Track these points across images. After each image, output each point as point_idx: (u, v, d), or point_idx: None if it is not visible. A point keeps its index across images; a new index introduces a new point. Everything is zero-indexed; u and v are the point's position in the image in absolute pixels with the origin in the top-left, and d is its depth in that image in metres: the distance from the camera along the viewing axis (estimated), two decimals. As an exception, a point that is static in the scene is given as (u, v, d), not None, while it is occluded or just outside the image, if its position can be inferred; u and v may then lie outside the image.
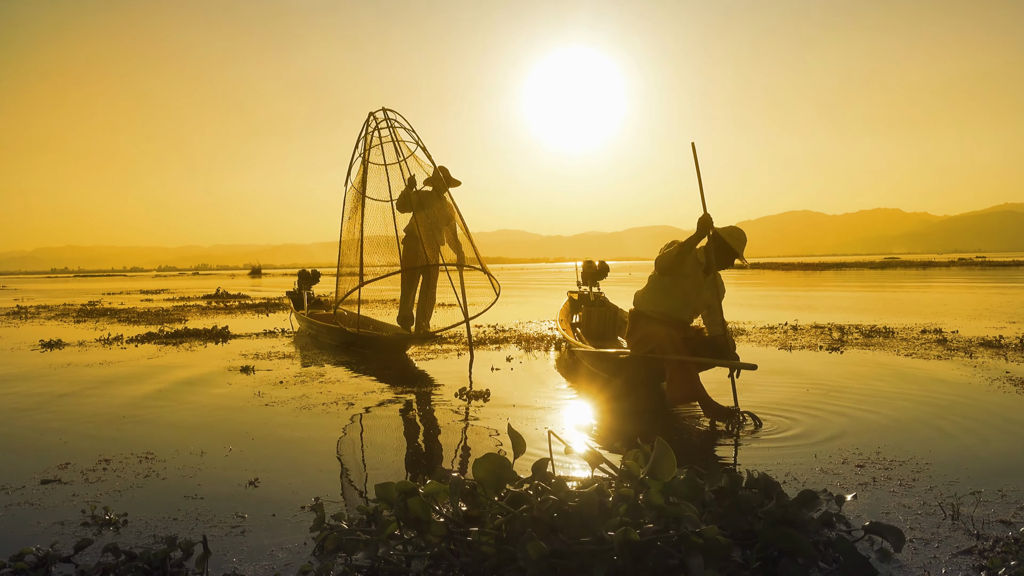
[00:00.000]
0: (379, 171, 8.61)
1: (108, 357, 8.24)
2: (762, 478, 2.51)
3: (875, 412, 4.65)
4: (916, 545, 2.51)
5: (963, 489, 3.09)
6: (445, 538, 2.27)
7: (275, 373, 6.81)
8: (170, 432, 4.49)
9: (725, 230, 4.98)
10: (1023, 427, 4.22)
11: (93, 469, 3.67)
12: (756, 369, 4.50)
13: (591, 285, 8.67)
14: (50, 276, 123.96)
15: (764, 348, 7.97)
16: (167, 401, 5.52)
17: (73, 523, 2.89)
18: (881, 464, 3.51)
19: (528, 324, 11.54)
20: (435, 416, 4.95)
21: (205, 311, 16.80)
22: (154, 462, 3.78)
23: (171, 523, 2.88)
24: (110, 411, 5.18)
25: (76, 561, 2.45)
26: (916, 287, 21.87)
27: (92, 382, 6.48)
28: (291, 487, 3.35)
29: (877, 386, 5.54)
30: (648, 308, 5.16)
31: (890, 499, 3.01)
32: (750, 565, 2.19)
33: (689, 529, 2.15)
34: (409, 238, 8.37)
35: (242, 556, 2.51)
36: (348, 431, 4.55)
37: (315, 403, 5.32)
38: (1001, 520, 2.73)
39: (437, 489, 2.34)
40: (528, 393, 5.62)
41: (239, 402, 5.42)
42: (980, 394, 5.17)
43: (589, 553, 2.12)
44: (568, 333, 7.37)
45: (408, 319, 8.57)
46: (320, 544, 2.46)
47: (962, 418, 4.46)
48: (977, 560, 2.37)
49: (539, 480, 2.38)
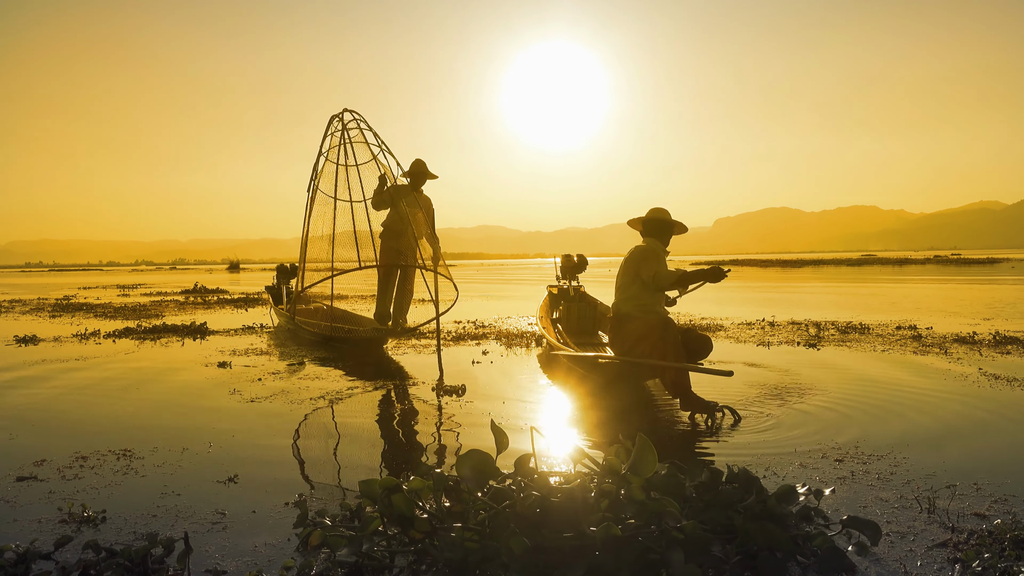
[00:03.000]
0: (345, 172, 8.66)
1: (84, 353, 8.15)
2: (742, 473, 2.53)
3: (852, 407, 4.70)
4: (893, 538, 2.55)
5: (939, 483, 3.14)
6: (429, 534, 2.28)
7: (254, 369, 6.77)
8: (148, 429, 4.45)
9: (653, 210, 5.33)
10: (998, 421, 4.30)
11: (70, 466, 3.63)
12: (732, 376, 4.52)
13: (570, 279, 8.70)
14: (24, 270, 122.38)
15: (742, 344, 8.03)
16: (145, 397, 5.47)
17: (51, 520, 2.86)
18: (859, 458, 3.55)
19: (508, 320, 11.55)
20: (416, 411, 4.95)
21: (183, 306, 16.65)
22: (132, 459, 3.75)
23: (151, 520, 2.86)
24: (87, 407, 5.13)
25: (56, 558, 2.43)
26: (892, 284, 22.14)
27: (68, 378, 6.41)
28: (272, 483, 3.34)
29: (854, 382, 5.61)
30: (633, 309, 5.18)
31: (868, 493, 3.05)
32: (730, 559, 2.21)
33: (670, 524, 2.17)
34: (386, 233, 8.35)
35: (224, 552, 2.50)
36: (329, 427, 4.53)
37: (295, 399, 5.29)
38: (976, 513, 2.78)
39: (421, 485, 2.34)
40: (509, 389, 5.63)
41: (218, 398, 5.39)
42: (955, 389, 5.25)
43: (571, 548, 2.13)
44: (549, 331, 7.38)
45: (386, 316, 8.54)
46: (303, 540, 2.46)
47: (938, 413, 4.52)
48: (952, 553, 2.41)
49: (522, 476, 2.39)
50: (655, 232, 5.25)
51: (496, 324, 10.81)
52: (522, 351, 7.82)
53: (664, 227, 5.23)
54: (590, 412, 4.84)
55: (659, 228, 5.25)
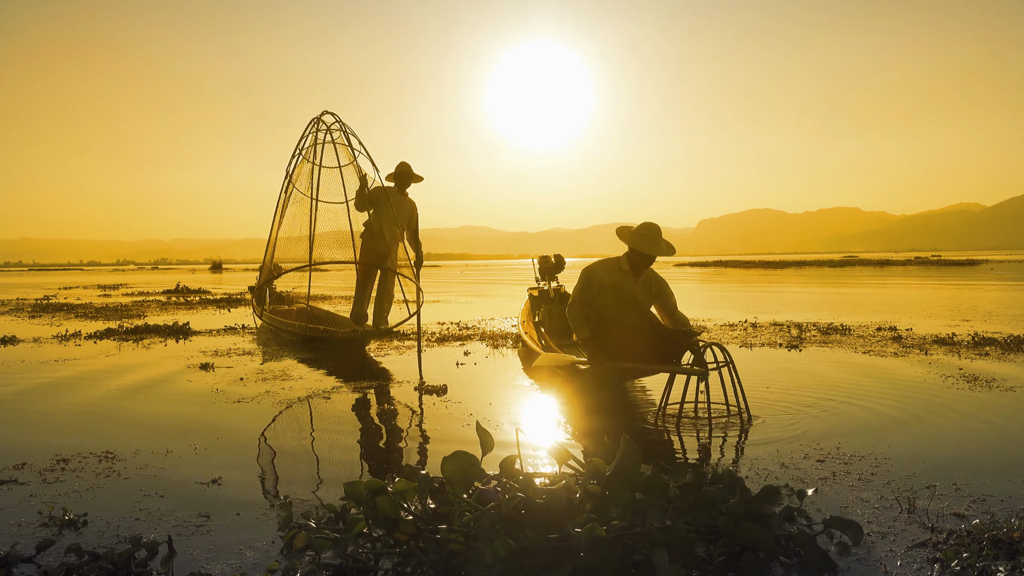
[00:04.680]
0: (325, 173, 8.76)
1: (65, 354, 8.07)
2: (726, 474, 2.55)
3: (834, 408, 4.74)
4: (874, 538, 2.58)
5: (919, 483, 3.18)
6: (414, 536, 2.28)
7: (237, 370, 6.74)
8: (130, 431, 4.42)
9: (637, 232, 5.09)
10: (976, 422, 4.35)
11: (51, 469, 3.60)
12: (707, 373, 4.54)
13: (549, 280, 8.72)
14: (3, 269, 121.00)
15: (725, 345, 8.07)
16: (126, 399, 5.43)
17: (31, 524, 2.84)
18: (841, 459, 3.59)
19: (492, 321, 11.55)
20: (401, 412, 4.94)
21: (165, 307, 16.52)
22: (114, 461, 3.72)
23: (134, 523, 2.84)
24: (67, 410, 5.08)
25: (38, 562, 2.41)
26: (873, 285, 22.34)
27: (48, 380, 6.35)
28: (257, 485, 3.33)
29: (835, 383, 5.66)
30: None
31: (849, 493, 3.08)
32: (714, 560, 2.23)
33: (654, 525, 2.19)
34: (367, 234, 8.37)
35: (208, 555, 2.49)
36: (313, 428, 4.52)
37: (278, 400, 5.27)
38: (955, 513, 2.82)
39: (406, 487, 2.34)
40: (494, 390, 5.64)
41: (201, 400, 5.36)
42: (935, 390, 5.30)
43: (556, 549, 2.14)
44: (532, 335, 7.39)
45: (362, 316, 8.52)
46: (288, 543, 2.45)
47: (918, 414, 4.57)
48: (931, 553, 2.44)
49: (507, 477, 2.39)
50: (632, 254, 5.14)
51: (480, 325, 10.81)
52: (507, 351, 7.82)
53: (636, 257, 5.09)
54: (575, 414, 4.85)
55: (635, 252, 5.09)
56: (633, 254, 5.09)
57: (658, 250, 5.02)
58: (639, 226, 5.15)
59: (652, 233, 5.05)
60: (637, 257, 5.08)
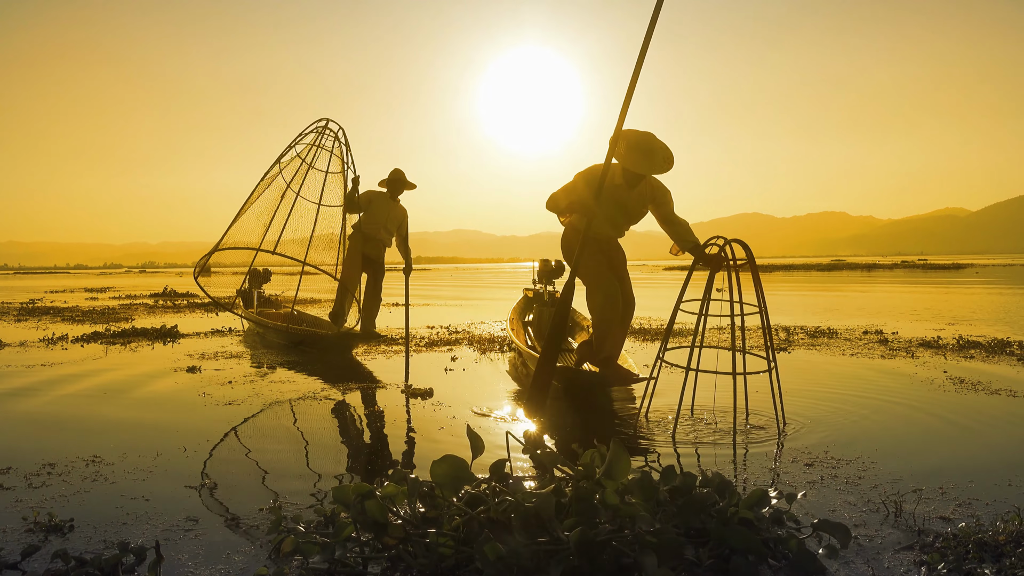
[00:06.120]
0: (312, 173, 8.77)
1: (51, 358, 8.02)
2: (716, 477, 2.56)
3: (822, 412, 4.77)
4: (861, 541, 2.59)
5: (906, 487, 3.20)
6: (402, 540, 2.28)
7: (224, 373, 6.71)
8: (117, 434, 4.39)
9: (630, 146, 4.68)
10: (963, 425, 4.38)
11: (37, 473, 3.57)
12: (638, 382, 4.59)
13: (547, 283, 8.76)
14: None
15: (712, 349, 8.09)
16: (114, 403, 5.40)
17: (16, 530, 2.81)
18: (828, 463, 3.60)
19: (481, 325, 11.55)
20: (391, 416, 4.93)
21: (152, 310, 16.44)
22: (101, 465, 3.70)
23: (121, 528, 2.82)
24: (54, 413, 5.04)
25: (24, 568, 2.39)
26: (860, 289, 22.45)
27: (34, 383, 6.30)
28: (245, 489, 3.31)
29: (823, 387, 5.69)
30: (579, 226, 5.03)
31: (837, 497, 3.10)
32: (702, 563, 2.24)
33: (643, 528, 2.19)
34: (355, 235, 8.39)
35: (197, 560, 2.48)
36: (302, 431, 4.51)
37: (266, 402, 5.25)
38: (941, 516, 2.83)
39: (395, 491, 2.34)
40: (483, 393, 5.64)
41: (189, 402, 5.33)
42: (922, 394, 5.34)
43: (546, 553, 2.14)
44: (519, 335, 7.40)
45: (340, 316, 8.50)
46: (276, 547, 2.44)
47: (905, 417, 4.60)
48: (918, 556, 2.46)
49: (497, 481, 2.40)
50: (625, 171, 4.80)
51: (470, 329, 10.81)
52: (496, 356, 7.82)
53: (629, 173, 4.76)
54: (564, 417, 4.86)
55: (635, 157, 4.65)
56: (626, 171, 4.84)
57: (652, 168, 4.68)
58: (633, 138, 4.71)
59: (645, 147, 4.67)
60: (630, 173, 4.84)
